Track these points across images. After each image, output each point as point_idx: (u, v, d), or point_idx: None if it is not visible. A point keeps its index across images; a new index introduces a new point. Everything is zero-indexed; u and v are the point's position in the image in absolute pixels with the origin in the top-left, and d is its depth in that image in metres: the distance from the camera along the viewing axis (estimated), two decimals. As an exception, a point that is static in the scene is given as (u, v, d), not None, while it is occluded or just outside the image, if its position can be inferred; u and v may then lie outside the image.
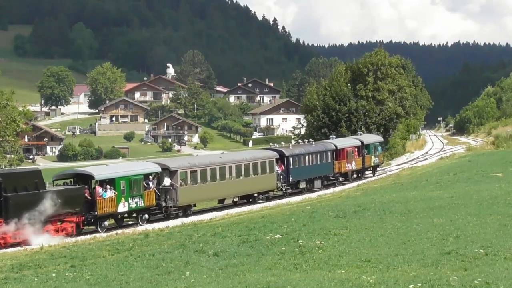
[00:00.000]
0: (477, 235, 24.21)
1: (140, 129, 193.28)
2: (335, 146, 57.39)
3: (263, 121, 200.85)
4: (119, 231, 37.37)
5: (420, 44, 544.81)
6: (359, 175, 62.07)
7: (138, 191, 39.84)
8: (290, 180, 51.17)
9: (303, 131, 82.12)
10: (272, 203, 47.30)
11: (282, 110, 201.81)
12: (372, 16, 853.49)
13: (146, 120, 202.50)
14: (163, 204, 41.41)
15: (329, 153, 56.13)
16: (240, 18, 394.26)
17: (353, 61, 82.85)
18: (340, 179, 58.20)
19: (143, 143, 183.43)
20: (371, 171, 64.27)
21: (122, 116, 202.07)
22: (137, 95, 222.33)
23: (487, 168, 54.58)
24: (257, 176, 47.88)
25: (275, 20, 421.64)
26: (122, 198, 39.04)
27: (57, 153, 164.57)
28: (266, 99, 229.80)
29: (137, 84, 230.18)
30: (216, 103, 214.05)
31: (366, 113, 74.44)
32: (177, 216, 41.72)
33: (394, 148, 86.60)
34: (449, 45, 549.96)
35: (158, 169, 41.69)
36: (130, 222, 40.80)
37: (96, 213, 37.72)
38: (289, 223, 31.29)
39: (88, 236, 36.28)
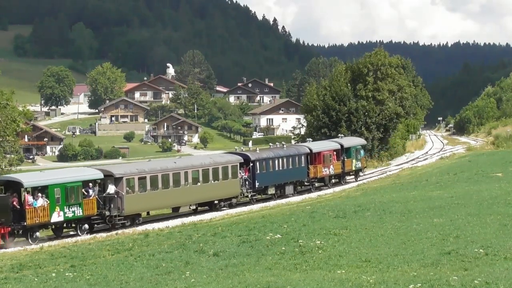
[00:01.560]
0: (477, 235, 24.22)
1: (140, 129, 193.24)
2: (310, 150, 54.37)
3: (263, 121, 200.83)
4: (119, 231, 37.36)
5: (420, 44, 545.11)
6: (340, 180, 58.77)
7: (75, 199, 36.85)
8: (257, 186, 47.99)
9: (303, 131, 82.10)
10: (272, 203, 47.22)
11: (282, 110, 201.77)
12: (372, 16, 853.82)
13: (146, 120, 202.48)
14: (107, 213, 38.41)
15: (302, 157, 53.02)
16: (240, 18, 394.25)
17: (353, 61, 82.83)
18: (316, 184, 55.30)
19: (143, 143, 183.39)
20: (353, 176, 60.85)
21: (122, 116, 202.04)
22: (137, 95, 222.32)
23: (487, 168, 54.57)
24: (217, 182, 44.89)
25: (275, 20, 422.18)
26: (57, 207, 36.06)
27: (57, 153, 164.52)
28: (266, 99, 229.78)
29: (137, 84, 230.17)
30: (216, 103, 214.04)
31: (366, 113, 74.43)
32: (123, 226, 38.68)
33: (394, 148, 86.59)
34: (449, 45, 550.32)
35: (100, 175, 38.70)
36: (72, 233, 37.87)
37: (25, 223, 34.91)
38: (289, 223, 31.29)
39: (88, 236, 36.28)
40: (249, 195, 47.83)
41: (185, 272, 22.12)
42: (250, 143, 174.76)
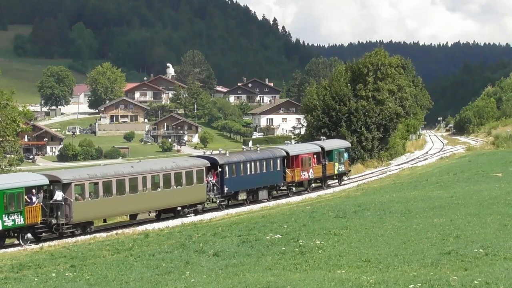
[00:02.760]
0: (477, 235, 24.22)
1: (140, 129, 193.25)
2: (287, 153, 51.80)
3: (263, 121, 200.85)
4: (119, 231, 37.34)
5: (420, 44, 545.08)
6: (322, 184, 56.49)
7: (16, 207, 34.16)
8: (225, 191, 45.45)
9: (303, 131, 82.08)
10: (272, 203, 47.18)
11: (282, 110, 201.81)
12: (372, 16, 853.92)
13: (146, 120, 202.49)
14: (53, 221, 35.86)
15: (278, 161, 50.38)
16: (240, 18, 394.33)
17: (353, 61, 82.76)
18: (294, 189, 52.85)
19: (143, 143, 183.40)
20: (337, 180, 58.52)
21: (122, 116, 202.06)
22: (137, 95, 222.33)
23: (487, 168, 54.59)
24: (180, 188, 42.39)
25: (275, 20, 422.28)
26: None
27: (57, 153, 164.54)
28: (266, 99, 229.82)
29: (137, 84, 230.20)
30: (216, 103, 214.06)
31: (366, 113, 74.40)
32: (73, 235, 36.39)
33: (394, 148, 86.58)
34: (449, 45, 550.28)
35: (45, 181, 36.11)
36: (16, 242, 35.29)
37: None
38: (289, 223, 31.30)
39: (88, 236, 36.27)
40: (218, 201, 45.26)
41: (185, 272, 22.13)
42: (250, 143, 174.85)
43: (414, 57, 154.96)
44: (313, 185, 55.24)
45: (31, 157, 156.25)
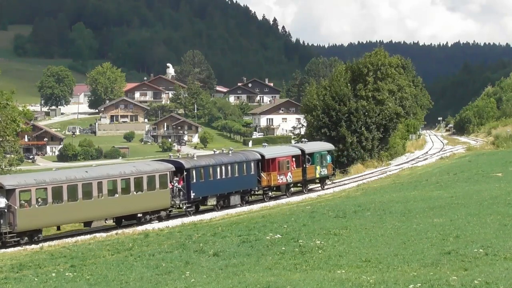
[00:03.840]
0: (477, 235, 24.22)
1: (140, 129, 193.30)
2: (262, 156, 49.48)
3: (263, 121, 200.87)
4: (119, 231, 37.37)
5: (420, 44, 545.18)
6: (303, 188, 54.26)
7: None
8: (192, 197, 43.35)
9: (303, 131, 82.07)
10: (272, 203, 47.13)
11: (282, 110, 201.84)
12: (372, 16, 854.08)
13: (146, 120, 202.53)
14: None
15: (252, 164, 48.11)
16: (240, 18, 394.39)
17: (353, 61, 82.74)
18: (271, 193, 50.41)
19: (143, 143, 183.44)
20: (319, 184, 56.49)
21: (122, 116, 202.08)
22: (137, 95, 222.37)
23: (487, 168, 54.58)
24: (141, 193, 40.20)
25: (275, 20, 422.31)
26: None
27: (57, 153, 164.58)
28: (266, 99, 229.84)
29: (137, 84, 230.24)
30: (216, 103, 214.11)
31: (366, 113, 74.39)
32: (18, 244, 34.57)
33: (394, 148, 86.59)
34: (449, 45, 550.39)
35: None
36: None
37: None
38: (289, 223, 31.30)
39: (88, 236, 36.27)
40: (184, 207, 43.18)
41: (185, 272, 22.13)
42: (250, 143, 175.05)
43: (414, 57, 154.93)
44: (292, 189, 52.71)
45: (31, 157, 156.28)
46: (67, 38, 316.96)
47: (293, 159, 52.37)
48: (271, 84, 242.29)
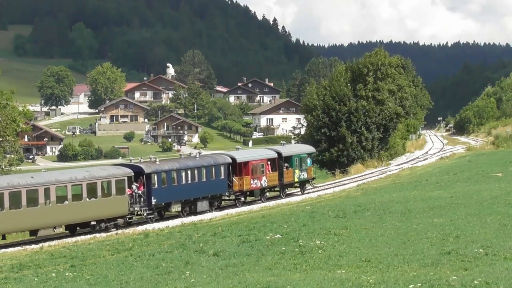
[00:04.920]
0: (477, 235, 24.23)
1: (140, 129, 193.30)
2: (233, 159, 47.10)
3: (263, 121, 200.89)
4: (119, 231, 37.38)
5: (420, 44, 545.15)
6: (280, 193, 51.51)
7: None
8: (154, 203, 40.83)
9: (303, 131, 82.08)
10: (272, 203, 47.09)
11: (282, 110, 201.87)
12: (372, 16, 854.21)
13: (146, 120, 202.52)
14: None
15: (221, 168, 45.73)
16: (240, 18, 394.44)
17: (353, 61, 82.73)
18: (243, 199, 47.90)
19: (143, 143, 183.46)
20: (299, 188, 53.76)
21: (122, 116, 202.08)
22: (137, 95, 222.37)
23: (487, 168, 54.58)
24: (95, 200, 37.89)
25: (275, 20, 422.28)
26: None
27: (57, 153, 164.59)
28: (266, 99, 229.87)
29: (137, 84, 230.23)
30: (216, 103, 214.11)
31: (366, 113, 74.39)
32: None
33: (394, 148, 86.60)
34: (449, 45, 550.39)
35: None
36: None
37: None
38: (289, 223, 31.30)
39: (88, 236, 36.27)
40: (145, 214, 40.59)
41: (185, 272, 22.13)
42: (250, 143, 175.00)
43: (414, 57, 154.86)
44: (268, 194, 50.29)
45: (31, 157, 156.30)
46: (67, 38, 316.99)
47: (269, 162, 49.77)
48: (271, 84, 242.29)
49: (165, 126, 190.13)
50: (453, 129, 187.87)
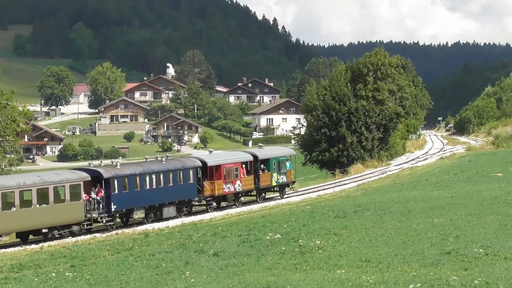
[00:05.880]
0: (477, 235, 24.22)
1: (140, 129, 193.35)
2: (204, 163, 45.19)
3: (263, 121, 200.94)
4: (119, 231, 37.38)
5: (420, 44, 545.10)
6: (257, 197, 49.49)
7: None
8: (113, 209, 38.79)
9: (303, 131, 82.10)
10: (272, 203, 47.08)
11: (282, 110, 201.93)
12: (372, 16, 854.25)
13: (146, 120, 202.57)
14: None
15: (190, 172, 43.70)
16: (240, 18, 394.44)
17: (353, 61, 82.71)
18: (215, 204, 45.71)
19: (143, 143, 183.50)
20: (278, 192, 51.44)
21: (122, 116, 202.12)
22: (137, 95, 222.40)
23: (487, 168, 54.57)
24: (46, 206, 35.83)
25: (275, 20, 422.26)
26: None
27: (57, 153, 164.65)
28: (266, 99, 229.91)
29: (137, 84, 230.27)
30: (216, 103, 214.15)
31: (366, 113, 74.38)
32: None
33: (394, 148, 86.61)
34: (449, 45, 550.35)
35: None
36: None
37: None
38: (289, 223, 31.30)
39: (88, 236, 36.28)
40: (104, 221, 38.59)
41: (185, 272, 22.14)
42: (250, 143, 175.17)
43: (414, 57, 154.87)
44: (242, 198, 48.19)
45: (31, 157, 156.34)
46: (67, 38, 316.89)
47: (243, 166, 47.78)
48: (271, 84, 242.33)
49: (165, 126, 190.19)
50: (453, 129, 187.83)
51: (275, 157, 50.94)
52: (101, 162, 43.21)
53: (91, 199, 38.27)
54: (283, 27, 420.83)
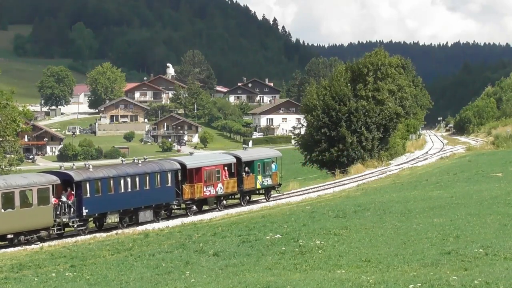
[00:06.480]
0: (477, 235, 24.22)
1: (140, 129, 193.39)
2: (183, 165, 43.78)
3: (263, 121, 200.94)
4: (119, 231, 37.37)
5: (420, 44, 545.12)
6: (240, 200, 48.06)
7: None
8: (85, 214, 37.42)
9: (303, 131, 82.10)
10: (272, 203, 47.06)
11: (282, 110, 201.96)
12: (372, 16, 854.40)
13: (146, 120, 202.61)
14: None
15: (168, 175, 42.21)
16: (240, 18, 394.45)
17: (353, 61, 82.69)
18: (195, 207, 44.42)
19: (143, 143, 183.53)
20: (263, 195, 50.29)
21: (122, 116, 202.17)
22: (137, 95, 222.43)
23: (487, 168, 54.56)
24: (12, 211, 34.53)
25: (275, 20, 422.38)
26: None
27: (57, 153, 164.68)
28: (266, 99, 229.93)
29: (137, 84, 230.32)
30: (216, 103, 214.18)
31: (366, 113, 74.35)
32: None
33: (394, 148, 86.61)
34: (449, 45, 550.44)
35: None
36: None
37: None
38: (289, 223, 31.30)
39: (88, 236, 36.27)
40: (75, 225, 37.20)
41: (185, 272, 22.14)
42: (250, 143, 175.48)
43: (414, 57, 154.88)
44: (225, 202, 46.62)
45: (31, 157, 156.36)
46: (67, 38, 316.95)
47: (225, 168, 46.40)
48: (271, 84, 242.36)
49: (165, 126, 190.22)
50: (453, 129, 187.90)
51: (259, 159, 49.48)
52: (73, 164, 41.92)
53: (61, 203, 36.96)
54: (283, 27, 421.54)
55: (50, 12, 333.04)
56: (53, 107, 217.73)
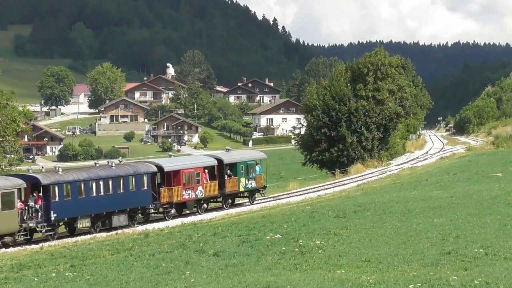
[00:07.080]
0: (477, 235, 24.23)
1: (140, 129, 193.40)
2: (160, 168, 42.38)
3: (263, 121, 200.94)
4: (119, 231, 37.37)
5: (420, 44, 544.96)
6: (222, 203, 46.73)
7: None
8: (53, 218, 35.98)
9: (303, 131, 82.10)
10: (272, 203, 47.06)
11: (282, 110, 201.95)
12: (372, 16, 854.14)
13: (146, 120, 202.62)
14: None
15: (144, 178, 40.75)
16: (240, 18, 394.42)
17: (353, 61, 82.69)
18: (173, 211, 42.98)
19: (143, 143, 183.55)
20: (247, 198, 49.02)
21: (122, 116, 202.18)
22: (137, 95, 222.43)
23: (487, 168, 54.57)
24: None
25: (275, 20, 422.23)
26: None
27: (57, 153, 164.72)
28: (266, 99, 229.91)
29: (137, 84, 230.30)
30: (216, 103, 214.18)
31: (366, 113, 74.36)
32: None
33: (394, 148, 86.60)
34: (449, 45, 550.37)
35: None
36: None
37: None
38: (289, 223, 31.30)
39: (88, 236, 36.27)
40: (43, 230, 35.77)
41: (185, 272, 22.14)
42: (250, 143, 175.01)
43: (414, 57, 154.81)
44: (205, 205, 45.30)
45: (31, 157, 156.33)
46: (67, 38, 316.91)
47: (206, 170, 45.10)
48: (271, 84, 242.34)
49: (165, 126, 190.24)
50: (453, 129, 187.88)
51: (242, 161, 48.08)
52: (42, 167, 40.13)
53: (27, 207, 35.67)
54: (283, 27, 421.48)
55: (50, 12, 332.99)
56: (53, 107, 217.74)
